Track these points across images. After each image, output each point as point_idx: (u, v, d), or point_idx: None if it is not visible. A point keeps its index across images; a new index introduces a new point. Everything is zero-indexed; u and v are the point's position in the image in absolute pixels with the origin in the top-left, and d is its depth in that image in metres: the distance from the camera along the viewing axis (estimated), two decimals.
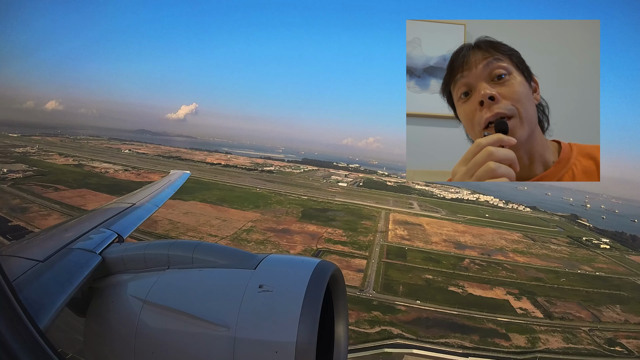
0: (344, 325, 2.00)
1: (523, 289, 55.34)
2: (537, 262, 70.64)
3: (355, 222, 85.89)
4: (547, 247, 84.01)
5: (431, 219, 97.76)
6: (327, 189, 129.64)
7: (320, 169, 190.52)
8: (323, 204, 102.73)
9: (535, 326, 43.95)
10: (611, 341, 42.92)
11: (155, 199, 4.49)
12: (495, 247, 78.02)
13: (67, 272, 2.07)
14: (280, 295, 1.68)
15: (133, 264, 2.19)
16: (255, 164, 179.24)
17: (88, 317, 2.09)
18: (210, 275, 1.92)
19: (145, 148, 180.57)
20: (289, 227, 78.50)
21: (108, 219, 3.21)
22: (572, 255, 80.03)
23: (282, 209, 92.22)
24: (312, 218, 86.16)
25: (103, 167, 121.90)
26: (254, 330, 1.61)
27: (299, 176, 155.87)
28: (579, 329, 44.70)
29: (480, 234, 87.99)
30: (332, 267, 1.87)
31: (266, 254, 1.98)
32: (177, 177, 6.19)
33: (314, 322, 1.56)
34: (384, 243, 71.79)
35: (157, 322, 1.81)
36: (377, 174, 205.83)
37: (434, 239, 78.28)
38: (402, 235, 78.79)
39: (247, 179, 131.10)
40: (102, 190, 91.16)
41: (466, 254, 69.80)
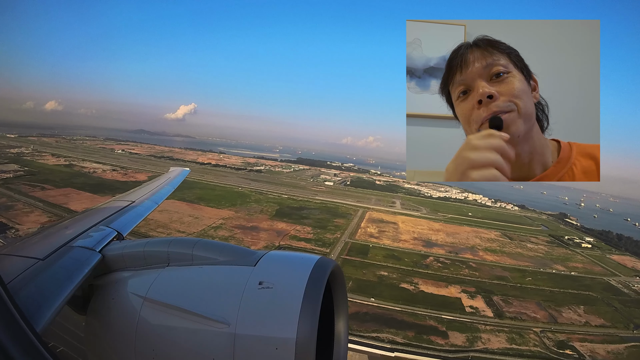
0: (344, 322, 2.00)
1: (481, 288, 54.29)
2: (506, 261, 69.16)
3: (327, 220, 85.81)
4: (523, 245, 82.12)
5: (408, 217, 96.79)
6: (312, 188, 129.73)
7: (312, 168, 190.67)
8: (301, 203, 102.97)
9: (480, 325, 43.02)
10: (563, 344, 41.45)
11: (155, 196, 4.47)
12: (467, 245, 76.70)
13: (67, 270, 2.07)
14: (280, 292, 1.67)
15: (133, 262, 2.19)
16: (247, 163, 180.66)
17: (88, 315, 2.10)
18: (210, 272, 1.92)
19: (139, 148, 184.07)
20: (259, 224, 79.10)
21: (108, 217, 3.20)
22: (547, 254, 78.03)
23: (258, 207, 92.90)
24: (285, 216, 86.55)
25: (92, 167, 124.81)
26: (254, 326, 1.60)
27: (287, 175, 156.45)
28: (530, 330, 43.49)
29: (455, 232, 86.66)
30: (332, 263, 1.86)
31: (266, 251, 2.00)
32: (176, 174, 6.17)
33: (314, 319, 1.55)
34: (349, 240, 71.53)
35: (157, 319, 1.81)
36: (369, 173, 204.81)
37: (403, 237, 77.51)
38: (372, 233, 78.31)
39: (233, 178, 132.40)
40: (86, 190, 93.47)
41: (432, 252, 68.87)
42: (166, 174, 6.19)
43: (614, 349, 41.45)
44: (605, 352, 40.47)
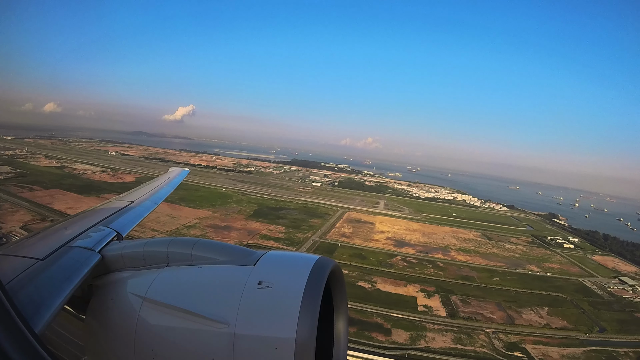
0: (343, 321, 2.00)
1: (442, 287, 53.59)
2: (478, 261, 68.12)
3: (303, 220, 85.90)
4: (500, 246, 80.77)
5: (388, 218, 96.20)
6: (297, 189, 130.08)
7: (304, 169, 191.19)
8: (282, 203, 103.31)
9: (429, 324, 42.43)
10: (513, 345, 40.43)
11: (154, 196, 4.48)
12: (440, 245, 75.81)
13: (67, 271, 2.08)
14: (280, 292, 1.68)
15: (132, 262, 2.20)
16: (239, 164, 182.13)
17: (88, 315, 2.10)
18: (209, 272, 1.93)
19: (133, 150, 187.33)
20: (233, 224, 79.69)
21: (107, 217, 3.22)
22: (524, 254, 76.59)
23: (237, 208, 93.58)
24: (262, 216, 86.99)
25: (83, 168, 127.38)
26: (254, 326, 1.61)
27: (276, 177, 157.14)
28: (481, 331, 42.68)
29: (432, 232, 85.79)
30: (332, 263, 1.87)
31: (265, 251, 2.01)
32: (175, 175, 6.19)
33: (313, 318, 1.56)
34: (319, 240, 71.45)
35: (156, 319, 1.82)
36: (362, 174, 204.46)
37: (376, 237, 77.08)
38: (344, 233, 78.09)
39: (220, 179, 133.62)
40: (73, 191, 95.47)
41: (401, 252, 68.28)
42: (165, 174, 6.19)
43: (570, 353, 40.26)
44: (559, 355, 39.36)
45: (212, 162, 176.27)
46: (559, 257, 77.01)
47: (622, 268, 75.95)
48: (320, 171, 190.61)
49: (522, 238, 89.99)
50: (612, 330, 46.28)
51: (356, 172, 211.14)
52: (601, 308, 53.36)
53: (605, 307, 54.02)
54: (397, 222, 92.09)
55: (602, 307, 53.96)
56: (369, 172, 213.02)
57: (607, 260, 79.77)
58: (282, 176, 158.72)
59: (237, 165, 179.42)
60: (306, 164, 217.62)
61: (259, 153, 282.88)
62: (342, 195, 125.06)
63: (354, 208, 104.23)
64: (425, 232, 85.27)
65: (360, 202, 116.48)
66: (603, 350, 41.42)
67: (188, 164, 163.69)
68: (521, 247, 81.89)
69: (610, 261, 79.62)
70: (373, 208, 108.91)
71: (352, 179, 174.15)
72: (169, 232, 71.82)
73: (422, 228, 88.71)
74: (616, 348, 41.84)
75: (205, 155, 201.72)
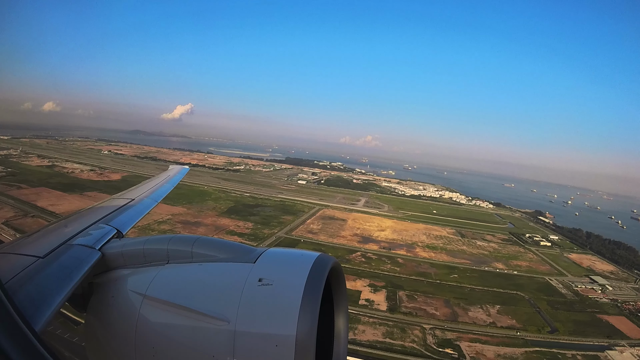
0: (343, 319, 2.02)
1: (393, 283, 53.15)
2: (441, 258, 67.21)
3: (275, 217, 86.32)
4: (472, 243, 79.43)
5: (363, 215, 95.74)
6: (281, 187, 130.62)
7: (295, 168, 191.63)
8: (260, 201, 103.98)
9: (364, 317, 42.19)
10: (447, 342, 39.80)
11: (154, 194, 4.53)
12: (408, 242, 75.04)
13: (67, 268, 2.09)
14: (280, 289, 1.69)
15: (133, 259, 2.21)
16: (230, 163, 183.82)
17: (89, 313, 2.12)
18: (209, 269, 1.94)
19: (127, 149, 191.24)
20: (203, 220, 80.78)
21: (107, 215, 3.24)
22: (494, 251, 75.13)
23: (212, 205, 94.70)
24: (235, 213, 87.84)
25: (73, 167, 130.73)
26: (254, 323, 1.62)
27: (264, 175, 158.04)
28: (418, 326, 42.15)
29: (404, 229, 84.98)
30: (332, 260, 1.88)
31: (265, 248, 2.02)
32: (175, 172, 6.24)
33: (313, 316, 1.57)
34: (283, 235, 71.76)
35: (157, 316, 1.83)
36: (353, 172, 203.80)
37: (344, 234, 76.88)
38: (312, 230, 78.14)
39: (206, 177, 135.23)
40: (58, 189, 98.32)
41: (364, 248, 67.96)
42: (165, 172, 6.22)
43: (508, 352, 39.28)
44: (495, 354, 38.48)
45: (202, 161, 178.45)
46: (531, 255, 75.24)
47: (598, 267, 73.73)
48: (311, 169, 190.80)
49: (499, 235, 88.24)
50: (564, 332, 45.00)
51: (348, 170, 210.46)
52: (560, 308, 51.96)
53: (565, 307, 52.56)
54: (371, 219, 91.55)
55: (562, 306, 52.53)
56: (361, 170, 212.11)
57: (584, 259, 77.56)
58: (270, 174, 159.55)
59: (228, 163, 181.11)
60: (299, 162, 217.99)
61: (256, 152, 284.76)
62: (325, 193, 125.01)
63: (332, 205, 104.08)
64: (397, 229, 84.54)
65: (341, 199, 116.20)
66: (547, 351, 40.30)
67: (179, 163, 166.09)
68: (494, 244, 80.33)
69: (587, 260, 77.39)
70: (352, 205, 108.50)
71: (341, 176, 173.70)
72: (139, 227, 73.47)
73: (395, 225, 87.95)
74: (564, 350, 40.67)
75: (197, 154, 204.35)
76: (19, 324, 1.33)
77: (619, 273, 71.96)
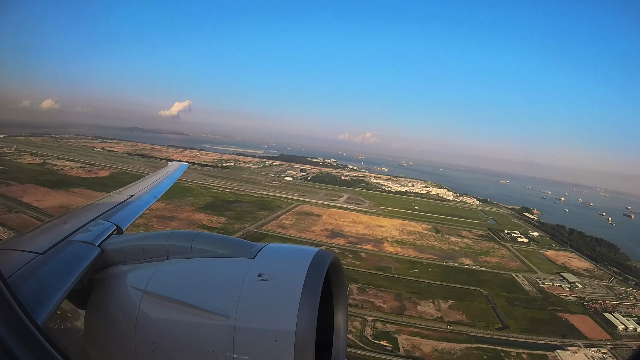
0: (343, 314, 2.03)
1: (348, 276, 52.91)
2: (408, 253, 66.74)
3: (250, 213, 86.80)
4: (444, 239, 78.62)
5: (340, 210, 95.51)
6: (266, 183, 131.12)
7: (286, 164, 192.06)
8: (240, 197, 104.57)
9: None
10: (385, 335, 39.55)
11: (154, 190, 4.54)
12: (377, 237, 74.70)
13: (67, 265, 2.09)
14: (280, 284, 1.69)
15: (132, 255, 2.22)
16: (221, 160, 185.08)
17: (88, 309, 2.12)
18: (209, 265, 1.94)
19: (121, 146, 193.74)
20: (179, 215, 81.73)
21: (107, 211, 3.25)
22: (466, 247, 74.25)
23: (191, 200, 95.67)
24: (212, 208, 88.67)
25: (64, 164, 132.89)
26: (254, 319, 1.62)
27: (252, 171, 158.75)
28: (360, 318, 41.94)
29: (379, 224, 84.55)
30: (331, 255, 1.88)
31: (265, 243, 2.01)
32: (175, 169, 6.28)
33: (313, 311, 1.57)
34: (252, 230, 72.18)
35: (156, 312, 1.83)
36: (345, 168, 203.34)
37: (314, 229, 76.90)
38: (284, 224, 78.41)
39: (192, 174, 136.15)
40: (46, 185, 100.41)
41: (330, 242, 67.87)
42: (164, 168, 6.28)
43: (446, 348, 38.82)
44: (432, 349, 38.12)
45: (194, 158, 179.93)
46: (504, 252, 74.11)
47: (574, 264, 72.25)
48: (302, 166, 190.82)
49: (476, 231, 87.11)
50: (515, 329, 44.21)
51: (341, 166, 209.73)
52: (519, 305, 51.11)
53: (525, 304, 51.66)
54: (347, 215, 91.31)
55: (521, 304, 51.66)
56: (353, 167, 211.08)
57: (560, 256, 76.07)
58: (258, 171, 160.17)
59: (219, 160, 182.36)
60: (291, 159, 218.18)
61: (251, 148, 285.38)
62: (308, 189, 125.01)
63: (312, 201, 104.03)
64: (371, 224, 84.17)
65: (323, 195, 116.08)
66: (491, 348, 39.64)
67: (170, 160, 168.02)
68: (468, 240, 79.37)
69: (564, 257, 75.89)
70: (332, 202, 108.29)
71: (331, 173, 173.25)
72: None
73: (371, 221, 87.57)
74: (509, 348, 39.87)
75: (190, 151, 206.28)
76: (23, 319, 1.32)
77: (595, 271, 70.42)
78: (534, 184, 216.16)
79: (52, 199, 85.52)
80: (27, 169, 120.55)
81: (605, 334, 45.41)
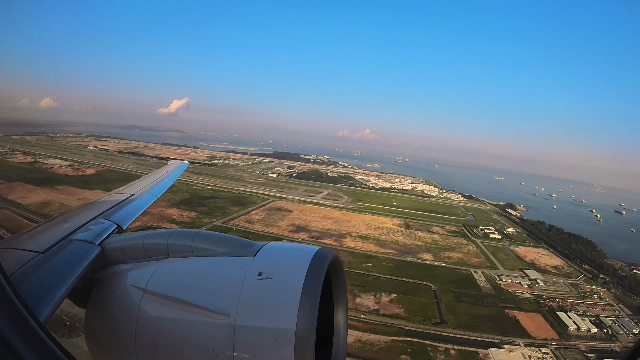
0: (343, 312, 2.07)
1: None
2: (367, 248, 66.33)
3: (222, 208, 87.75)
4: (412, 234, 77.77)
5: (313, 206, 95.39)
6: (248, 180, 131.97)
7: (276, 161, 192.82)
8: (218, 193, 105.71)
9: None
10: None
11: (154, 189, 4.57)
12: (341, 232, 74.43)
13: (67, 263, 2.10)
14: (280, 283, 1.71)
15: (133, 254, 2.22)
16: (211, 157, 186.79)
17: (89, 308, 2.12)
18: (209, 264, 1.96)
19: (114, 144, 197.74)
20: (152, 210, 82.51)
21: (107, 210, 3.25)
22: (432, 243, 73.31)
23: (168, 197, 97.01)
24: (186, 204, 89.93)
25: (53, 163, 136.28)
26: (254, 317, 1.63)
27: (239, 168, 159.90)
28: None
29: (348, 220, 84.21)
30: (331, 254, 1.91)
31: (265, 242, 2.05)
32: (175, 167, 6.33)
33: (313, 309, 1.58)
34: (218, 224, 73.23)
35: (157, 311, 1.84)
36: (335, 165, 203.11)
37: (281, 224, 77.16)
38: (251, 219, 78.95)
39: None
40: (32, 183, 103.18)
41: (292, 236, 67.98)
42: (165, 166, 6.31)
43: (370, 339, 38.48)
44: (355, 339, 37.51)
45: (184, 156, 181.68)
46: (471, 248, 72.87)
47: (543, 261, 70.57)
48: (292, 162, 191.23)
49: (449, 227, 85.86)
50: (453, 325, 43.46)
51: (332, 163, 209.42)
52: (466, 301, 50.19)
53: (473, 300, 50.66)
54: (320, 210, 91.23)
55: (469, 299, 50.70)
56: (345, 163, 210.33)
57: (531, 252, 74.36)
58: (245, 168, 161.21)
59: (209, 158, 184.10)
60: (283, 156, 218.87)
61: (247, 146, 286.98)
62: (289, 186, 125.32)
63: (289, 197, 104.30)
64: (341, 219, 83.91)
65: (302, 192, 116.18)
66: (418, 342, 39.07)
67: (160, 157, 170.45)
68: (437, 236, 78.32)
69: (534, 253, 74.17)
70: (310, 198, 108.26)
71: (319, 170, 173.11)
72: None
73: (342, 216, 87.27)
74: (439, 343, 39.16)
75: (183, 149, 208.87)
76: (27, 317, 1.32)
77: (565, 268, 68.62)
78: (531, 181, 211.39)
79: (36, 195, 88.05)
80: (17, 168, 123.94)
81: (553, 334, 44.23)
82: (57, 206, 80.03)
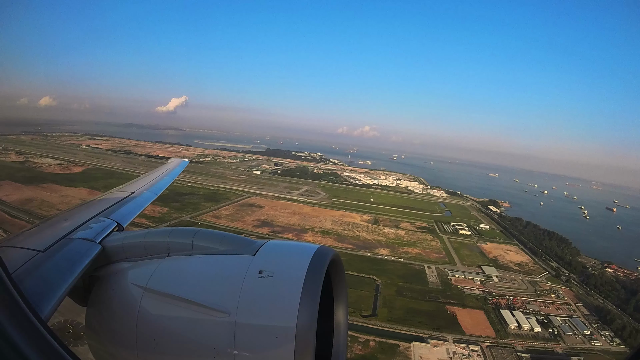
0: (343, 310, 2.07)
1: None
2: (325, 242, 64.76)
3: (195, 204, 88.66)
4: (378, 230, 77.17)
5: (286, 202, 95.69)
6: (230, 177, 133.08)
7: (265, 158, 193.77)
8: (196, 189, 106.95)
9: None
10: None
11: (154, 187, 4.60)
12: (304, 227, 74.43)
13: (68, 262, 2.10)
14: (280, 281, 1.71)
15: (133, 252, 2.23)
16: (201, 155, 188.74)
17: (90, 306, 2.13)
18: (210, 262, 1.96)
19: (108, 143, 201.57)
20: None
21: (107, 208, 3.25)
22: (395, 238, 72.61)
23: None
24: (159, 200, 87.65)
25: (44, 162, 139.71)
26: (254, 315, 1.63)
27: (225, 166, 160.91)
28: None
29: (316, 215, 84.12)
30: (332, 252, 1.90)
31: (265, 240, 2.03)
32: (175, 165, 6.35)
33: (313, 307, 1.58)
34: (185, 219, 74.30)
35: (157, 309, 1.85)
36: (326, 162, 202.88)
37: (247, 219, 77.67)
38: (220, 215, 79.66)
39: None
40: (20, 181, 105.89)
41: (253, 231, 68.51)
42: (165, 165, 6.39)
43: None
44: None
45: (175, 153, 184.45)
46: (435, 243, 71.92)
47: (508, 258, 69.12)
48: (282, 160, 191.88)
49: (419, 223, 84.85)
50: (383, 318, 43.14)
51: (323, 160, 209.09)
52: (407, 295, 49.70)
53: (414, 295, 50.11)
54: (291, 206, 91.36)
55: (411, 294, 50.16)
56: (335, 160, 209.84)
57: (498, 249, 72.90)
58: (231, 165, 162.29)
59: (199, 155, 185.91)
60: (275, 154, 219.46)
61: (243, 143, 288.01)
62: (270, 183, 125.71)
63: (264, 194, 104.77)
64: (309, 215, 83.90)
65: (280, 188, 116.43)
66: None
67: (150, 156, 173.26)
68: (402, 232, 77.53)
69: (501, 250, 72.68)
70: (286, 194, 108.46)
71: (306, 167, 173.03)
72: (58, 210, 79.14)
73: (311, 212, 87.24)
74: (359, 334, 38.71)
75: (173, 147, 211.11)
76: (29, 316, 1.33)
77: (529, 265, 67.09)
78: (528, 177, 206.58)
79: (21, 193, 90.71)
80: (8, 167, 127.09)
81: (490, 331, 43.37)
82: (38, 203, 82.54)
